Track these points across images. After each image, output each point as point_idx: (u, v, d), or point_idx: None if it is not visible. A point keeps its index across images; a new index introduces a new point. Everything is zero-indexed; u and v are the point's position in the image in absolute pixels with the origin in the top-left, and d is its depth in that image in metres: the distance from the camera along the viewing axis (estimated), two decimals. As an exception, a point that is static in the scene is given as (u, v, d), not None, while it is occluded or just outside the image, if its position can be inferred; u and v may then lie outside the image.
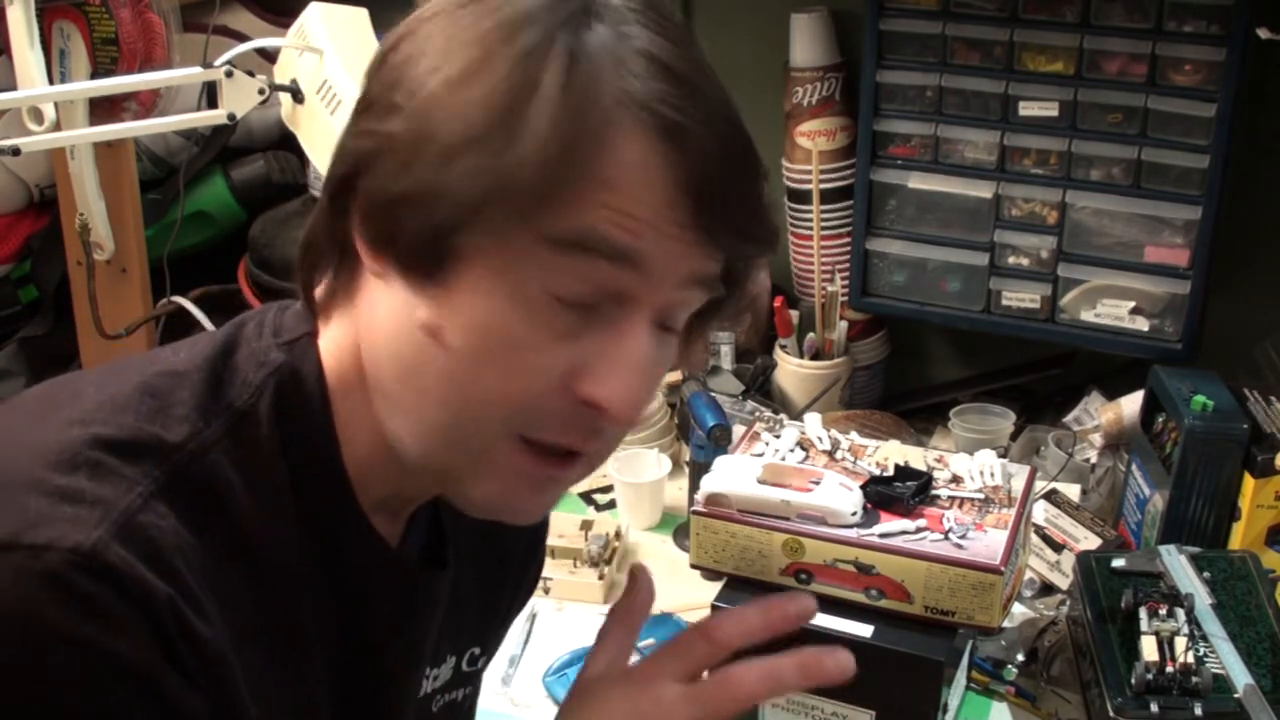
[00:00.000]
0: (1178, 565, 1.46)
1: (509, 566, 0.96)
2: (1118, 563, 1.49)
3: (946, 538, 1.36)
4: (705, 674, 0.82)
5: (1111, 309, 1.88)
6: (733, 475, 1.43)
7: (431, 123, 0.68)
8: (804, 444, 1.54)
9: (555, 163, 0.67)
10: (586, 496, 1.93)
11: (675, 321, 0.75)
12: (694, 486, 1.72)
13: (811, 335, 2.01)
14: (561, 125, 0.67)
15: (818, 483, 1.42)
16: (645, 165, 0.68)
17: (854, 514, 1.39)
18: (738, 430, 1.65)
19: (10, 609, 0.63)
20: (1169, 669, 1.30)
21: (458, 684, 0.94)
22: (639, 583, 0.87)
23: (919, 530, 1.38)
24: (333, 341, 0.77)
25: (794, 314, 2.04)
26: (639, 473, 1.85)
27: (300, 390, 0.76)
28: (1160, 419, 1.64)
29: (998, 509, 1.41)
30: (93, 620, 0.64)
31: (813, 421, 1.59)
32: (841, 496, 1.40)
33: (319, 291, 0.78)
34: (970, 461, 1.50)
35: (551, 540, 1.76)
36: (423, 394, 0.73)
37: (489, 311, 0.70)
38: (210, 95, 1.63)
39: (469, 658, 0.95)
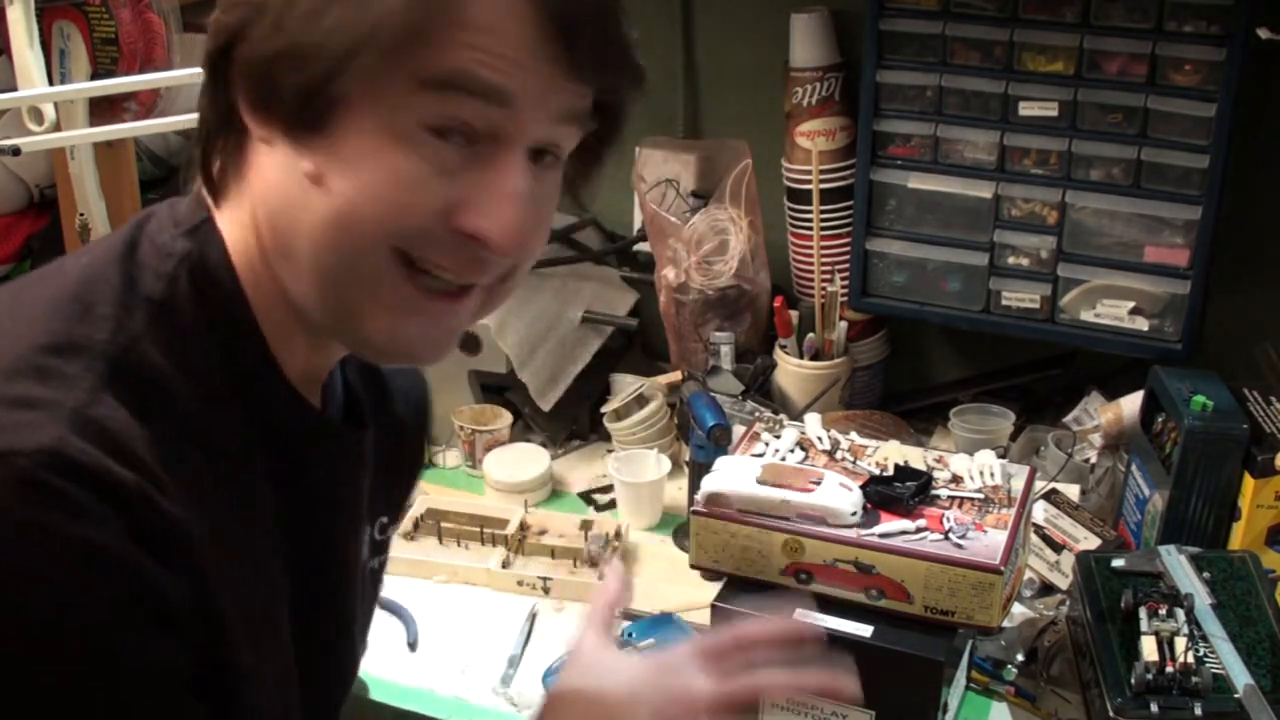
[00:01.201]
0: (1177, 565, 1.46)
1: (402, 434, 0.99)
2: (1117, 563, 1.49)
3: (946, 538, 1.36)
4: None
5: (1111, 309, 1.88)
6: (733, 475, 1.44)
7: None
8: (804, 444, 1.54)
9: (418, 6, 0.71)
10: (586, 496, 1.93)
11: (555, 154, 0.80)
12: (694, 486, 1.72)
13: (811, 335, 2.01)
14: None
15: (818, 483, 1.42)
16: (508, 4, 0.72)
17: (854, 514, 1.39)
18: (738, 430, 1.65)
19: None
20: (1169, 669, 1.30)
21: (374, 552, 0.98)
22: (613, 577, 0.98)
23: (919, 530, 1.38)
24: (232, 219, 0.80)
25: (794, 314, 2.04)
26: (639, 473, 1.85)
27: (209, 273, 0.78)
28: (1160, 419, 1.64)
29: (997, 509, 1.41)
30: (66, 514, 0.66)
31: (813, 421, 1.59)
32: (841, 496, 1.40)
33: (214, 172, 0.80)
34: (970, 461, 1.50)
35: (551, 540, 1.77)
36: (313, 242, 0.75)
37: (370, 151, 0.73)
38: (210, 95, 1.63)
39: (379, 527, 0.99)
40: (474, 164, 0.75)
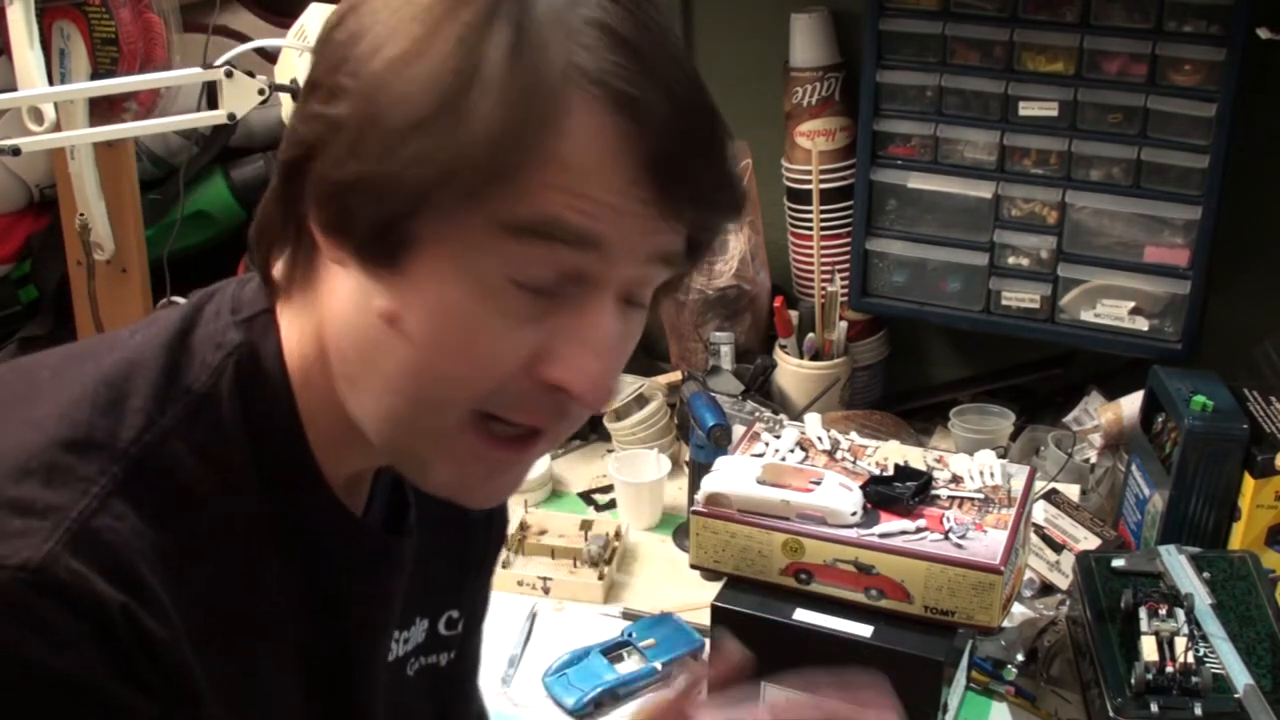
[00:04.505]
0: (1178, 565, 1.46)
1: (472, 527, 0.96)
2: (1118, 563, 1.49)
3: (946, 538, 1.36)
4: None
5: (1111, 309, 1.88)
6: (733, 475, 1.44)
7: (377, 105, 0.66)
8: (804, 444, 1.54)
9: (504, 144, 0.64)
10: (586, 496, 1.93)
11: (641, 297, 0.73)
12: (694, 486, 1.72)
13: (811, 335, 2.01)
14: (508, 104, 0.64)
15: (818, 483, 1.42)
16: (600, 143, 0.66)
17: (854, 514, 1.39)
18: (738, 430, 1.65)
19: None
20: (1169, 669, 1.30)
21: (435, 648, 0.94)
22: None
23: (919, 530, 1.38)
24: (293, 320, 0.76)
25: (794, 314, 2.04)
26: (639, 473, 1.85)
27: (259, 369, 0.75)
28: (1160, 419, 1.64)
29: (997, 509, 1.41)
30: (39, 638, 0.63)
31: (813, 421, 1.59)
32: (841, 496, 1.40)
33: (277, 270, 0.76)
34: (970, 461, 1.50)
35: (551, 540, 1.77)
36: (384, 381, 0.71)
37: (448, 299, 0.68)
38: (210, 95, 1.63)
39: (446, 621, 0.94)
40: (559, 307, 0.69)
